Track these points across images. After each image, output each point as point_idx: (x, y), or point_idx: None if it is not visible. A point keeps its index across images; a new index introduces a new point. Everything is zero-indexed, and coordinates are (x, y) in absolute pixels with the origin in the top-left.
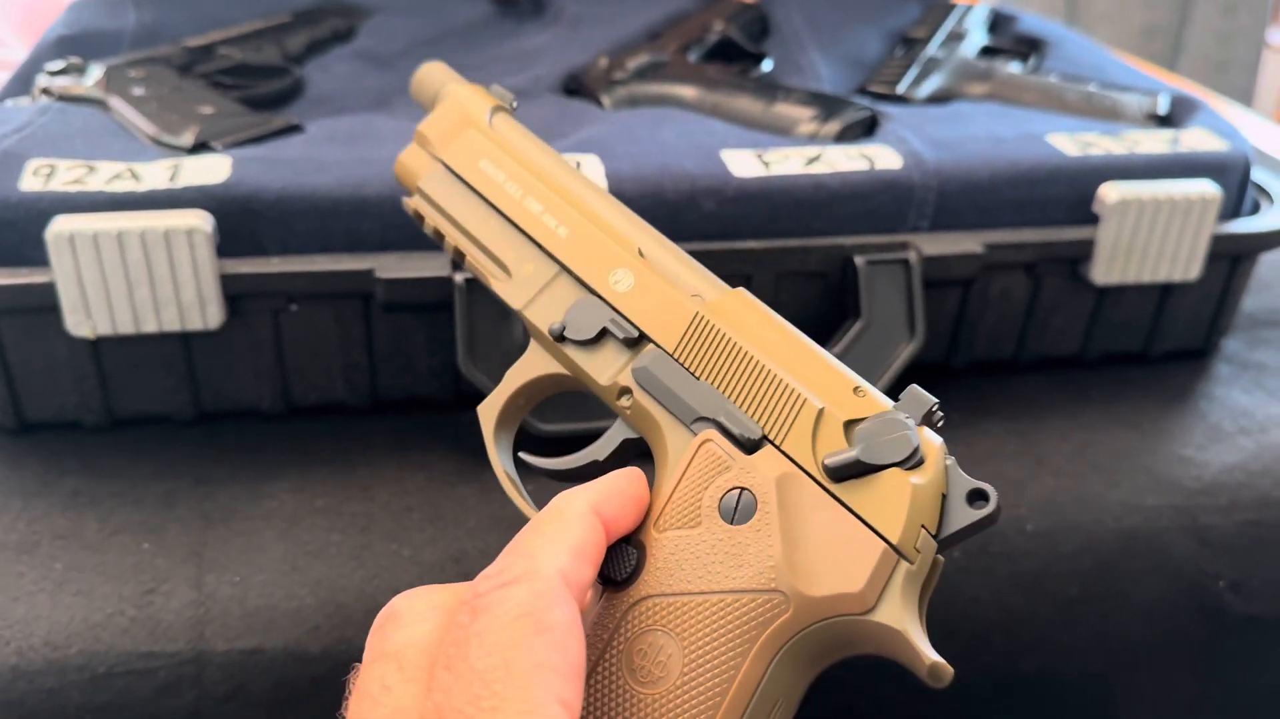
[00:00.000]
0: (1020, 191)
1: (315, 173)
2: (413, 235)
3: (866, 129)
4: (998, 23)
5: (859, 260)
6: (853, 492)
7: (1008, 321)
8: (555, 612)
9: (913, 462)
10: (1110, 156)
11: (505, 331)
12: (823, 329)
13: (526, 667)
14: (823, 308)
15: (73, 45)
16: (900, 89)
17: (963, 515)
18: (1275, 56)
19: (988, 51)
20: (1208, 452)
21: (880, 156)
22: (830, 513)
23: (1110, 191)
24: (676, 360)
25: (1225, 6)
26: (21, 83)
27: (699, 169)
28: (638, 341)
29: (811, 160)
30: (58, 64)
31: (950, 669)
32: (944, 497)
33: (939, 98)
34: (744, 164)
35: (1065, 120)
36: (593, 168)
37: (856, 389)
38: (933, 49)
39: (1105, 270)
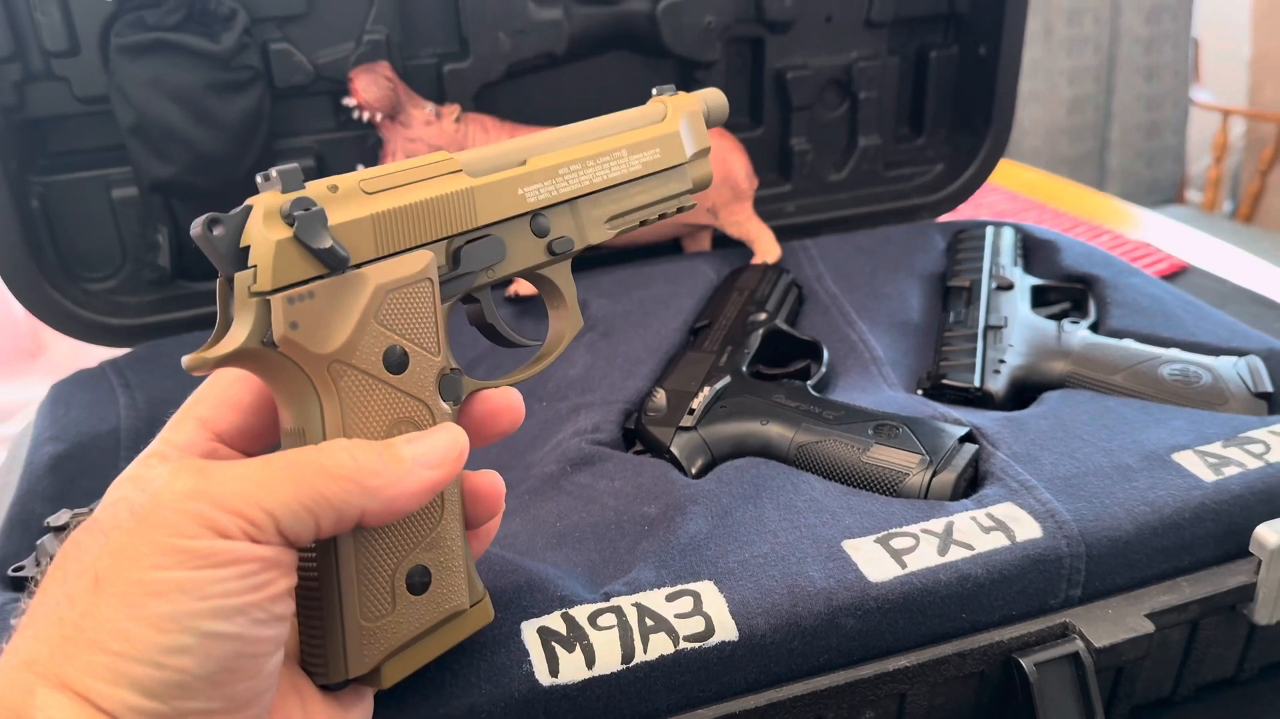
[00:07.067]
0: (1168, 539)
1: None
2: None
3: (974, 460)
4: (1029, 248)
5: (1026, 664)
6: None
7: (1163, 668)
8: None
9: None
10: (1247, 477)
11: None
12: None
13: None
14: (984, 706)
15: (66, 468)
16: (977, 380)
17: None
18: (1201, 113)
19: (1039, 295)
20: None
21: (1017, 525)
22: None
23: (1269, 535)
24: None
25: (1148, 72)
26: (17, 534)
27: (830, 579)
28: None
29: (946, 543)
30: (61, 517)
31: None
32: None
33: (1019, 383)
34: (876, 563)
35: (1173, 417)
36: (712, 599)
37: None
38: (984, 310)
39: (1269, 612)
